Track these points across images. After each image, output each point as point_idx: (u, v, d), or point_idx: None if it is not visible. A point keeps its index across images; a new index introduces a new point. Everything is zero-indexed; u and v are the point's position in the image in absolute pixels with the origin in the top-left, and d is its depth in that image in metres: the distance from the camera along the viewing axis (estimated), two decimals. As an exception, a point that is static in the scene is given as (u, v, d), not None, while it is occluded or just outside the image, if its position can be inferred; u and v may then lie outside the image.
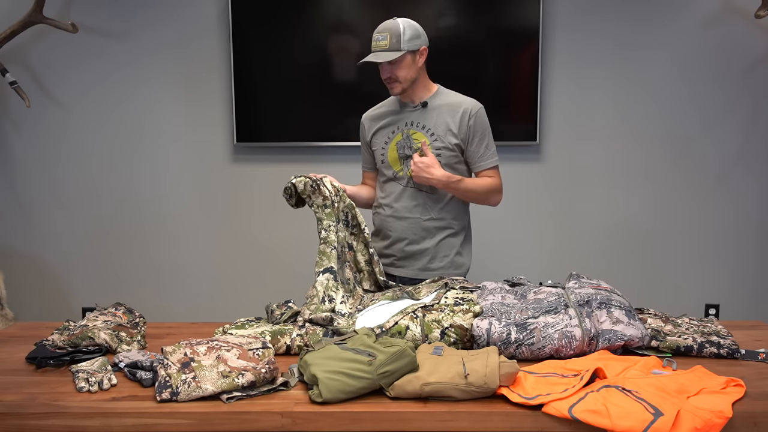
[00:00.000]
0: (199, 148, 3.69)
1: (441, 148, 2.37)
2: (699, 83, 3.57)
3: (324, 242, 2.21)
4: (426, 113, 2.41)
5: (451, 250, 2.45)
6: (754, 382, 1.71)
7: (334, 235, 2.22)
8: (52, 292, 3.81)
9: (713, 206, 3.65)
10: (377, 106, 2.55)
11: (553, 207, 3.68)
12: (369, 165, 2.59)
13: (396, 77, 2.34)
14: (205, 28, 3.60)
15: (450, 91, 2.47)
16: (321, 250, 2.21)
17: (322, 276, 2.17)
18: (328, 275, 2.17)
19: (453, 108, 2.40)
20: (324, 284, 2.14)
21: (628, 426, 1.48)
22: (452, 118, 2.38)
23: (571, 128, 3.63)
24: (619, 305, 1.94)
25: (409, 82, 2.36)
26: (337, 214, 2.25)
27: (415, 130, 2.40)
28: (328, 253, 2.20)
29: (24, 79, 3.56)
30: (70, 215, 3.75)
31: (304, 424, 1.59)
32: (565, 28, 3.55)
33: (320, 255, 2.21)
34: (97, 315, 2.15)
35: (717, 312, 3.69)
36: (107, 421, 1.59)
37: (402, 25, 2.32)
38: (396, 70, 2.33)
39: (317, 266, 2.19)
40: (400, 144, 2.42)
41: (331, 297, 2.13)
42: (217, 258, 3.76)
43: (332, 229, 2.23)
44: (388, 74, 2.35)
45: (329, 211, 2.24)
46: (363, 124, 2.56)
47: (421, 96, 2.43)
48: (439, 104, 2.41)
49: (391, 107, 2.49)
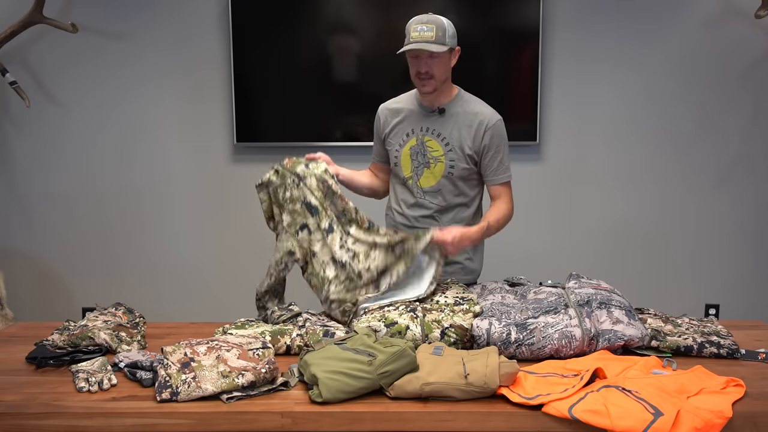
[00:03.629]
0: (199, 148, 3.69)
1: (454, 159, 2.31)
2: (699, 83, 3.57)
3: (290, 201, 2.16)
4: (442, 120, 2.32)
5: (462, 256, 2.38)
6: (754, 382, 1.71)
7: (299, 190, 2.15)
8: (52, 292, 3.81)
9: (713, 206, 3.65)
10: (395, 99, 2.45)
11: (552, 207, 3.68)
12: (379, 157, 2.52)
13: (432, 73, 2.23)
14: (205, 28, 3.60)
15: (470, 97, 2.37)
16: (290, 210, 2.15)
17: (301, 233, 2.14)
18: (306, 231, 2.14)
19: (470, 118, 2.30)
20: (306, 240, 2.13)
21: (628, 426, 1.48)
22: (468, 130, 2.30)
23: (571, 128, 3.63)
24: (619, 305, 1.94)
25: (442, 82, 2.27)
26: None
27: (430, 137, 2.33)
28: (298, 210, 2.15)
29: (24, 79, 3.56)
30: (70, 215, 3.75)
31: (304, 424, 1.59)
32: (565, 28, 3.55)
33: (291, 215, 2.15)
34: (97, 315, 2.15)
35: (717, 312, 3.69)
36: (107, 421, 1.59)
37: (444, 20, 2.22)
38: (434, 66, 2.21)
39: (289, 227, 2.14)
40: (414, 150, 2.35)
41: (313, 252, 2.13)
42: (217, 258, 3.76)
43: (292, 185, 2.15)
44: (425, 68, 2.23)
45: (281, 171, 2.18)
46: (379, 116, 2.46)
47: (441, 100, 2.32)
48: (457, 112, 2.32)
49: (409, 105, 2.39)
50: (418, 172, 2.36)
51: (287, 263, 2.16)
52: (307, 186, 2.16)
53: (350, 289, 2.12)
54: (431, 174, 2.34)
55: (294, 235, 2.16)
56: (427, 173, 2.35)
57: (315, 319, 2.11)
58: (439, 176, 2.33)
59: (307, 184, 2.16)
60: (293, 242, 2.16)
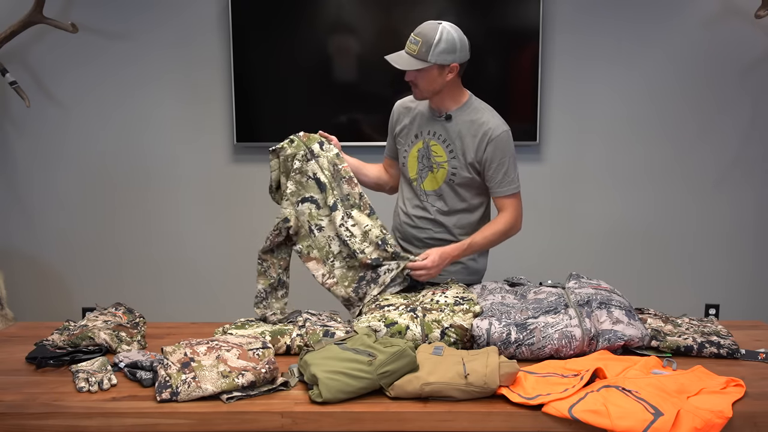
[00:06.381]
0: (199, 148, 3.69)
1: (457, 167, 2.29)
2: (699, 83, 3.57)
3: (299, 172, 2.18)
4: (448, 127, 2.31)
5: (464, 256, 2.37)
6: (754, 382, 1.71)
7: (309, 165, 2.18)
8: (52, 292, 3.80)
9: (713, 206, 3.65)
10: (411, 98, 2.41)
11: (553, 207, 3.68)
12: (391, 153, 2.51)
13: (416, 83, 2.24)
14: (205, 28, 3.60)
15: (480, 105, 2.34)
16: (297, 180, 2.17)
17: (302, 205, 2.16)
18: (309, 204, 2.16)
19: (475, 128, 2.27)
20: (306, 213, 2.16)
21: (628, 426, 1.48)
22: (472, 139, 2.28)
23: (570, 128, 3.63)
24: (619, 305, 1.94)
25: (431, 93, 2.26)
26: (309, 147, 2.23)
27: (435, 142, 2.32)
28: (304, 183, 2.18)
29: (24, 79, 3.56)
30: (70, 215, 3.75)
31: (304, 424, 1.59)
32: (565, 28, 3.55)
33: (297, 186, 2.17)
34: (97, 315, 2.15)
35: (717, 312, 3.69)
36: (107, 421, 1.59)
37: (441, 34, 2.17)
38: (418, 78, 2.23)
39: (292, 196, 2.17)
40: (420, 153, 2.35)
41: (319, 226, 2.16)
42: (217, 258, 3.76)
43: (305, 158, 2.19)
44: (410, 78, 2.25)
45: (297, 143, 2.22)
46: (394, 112, 2.46)
47: (448, 106, 2.30)
48: (463, 120, 2.29)
49: (422, 106, 2.38)
50: (423, 175, 2.36)
51: (281, 229, 2.19)
52: (318, 164, 2.20)
53: (351, 266, 2.17)
54: (434, 178, 2.34)
55: (294, 205, 2.19)
56: (430, 176, 2.35)
57: (315, 319, 2.11)
58: (441, 181, 2.33)
59: (319, 162, 2.20)
60: (291, 211, 2.18)
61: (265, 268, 2.21)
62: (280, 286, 2.21)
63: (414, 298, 2.10)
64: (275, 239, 2.19)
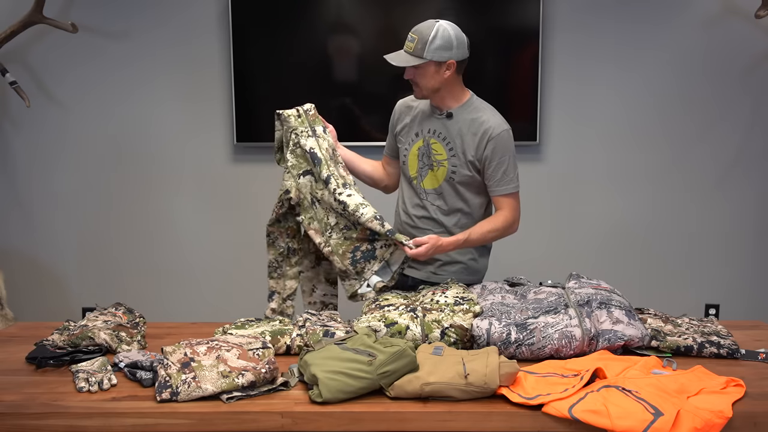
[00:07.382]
0: (199, 148, 3.69)
1: (457, 165, 2.30)
2: (699, 83, 3.56)
3: (298, 146, 2.23)
4: (449, 124, 2.31)
5: (465, 256, 2.38)
6: (754, 382, 1.71)
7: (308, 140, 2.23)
8: (52, 292, 3.80)
9: (713, 206, 3.65)
10: (413, 97, 2.41)
11: (553, 207, 3.68)
12: (391, 151, 2.52)
13: (416, 81, 2.26)
14: (205, 28, 3.60)
15: (481, 104, 2.35)
16: (297, 154, 2.23)
17: (303, 178, 2.21)
18: (310, 177, 2.21)
19: (475, 126, 2.28)
20: (308, 186, 2.21)
21: (628, 426, 1.48)
22: (472, 137, 2.28)
23: (571, 128, 3.62)
24: (619, 305, 1.94)
25: (430, 90, 2.27)
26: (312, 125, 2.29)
27: (435, 140, 2.32)
28: (305, 157, 2.22)
29: (24, 79, 3.56)
30: (70, 215, 3.75)
31: (304, 424, 1.59)
32: (565, 28, 3.55)
33: (297, 159, 2.22)
34: (97, 315, 2.15)
35: (717, 312, 3.69)
36: (107, 421, 1.59)
37: (436, 31, 2.19)
38: (416, 76, 2.25)
39: (293, 168, 2.21)
40: (421, 151, 2.36)
41: (319, 198, 2.20)
42: (216, 258, 3.76)
43: (305, 134, 2.24)
44: (409, 76, 2.27)
45: (302, 119, 2.28)
46: (395, 110, 2.48)
47: (449, 105, 2.32)
48: (464, 118, 2.30)
49: (423, 104, 2.39)
50: (423, 173, 2.37)
51: (283, 201, 2.24)
52: (318, 142, 2.24)
53: (348, 238, 2.20)
54: (434, 176, 2.34)
55: (296, 177, 2.23)
56: (430, 175, 2.35)
57: (315, 319, 2.11)
58: (441, 180, 2.33)
59: (319, 143, 2.24)
60: (292, 183, 2.23)
61: (273, 239, 2.30)
62: (291, 253, 2.30)
63: (414, 298, 2.11)
64: (279, 211, 2.25)
